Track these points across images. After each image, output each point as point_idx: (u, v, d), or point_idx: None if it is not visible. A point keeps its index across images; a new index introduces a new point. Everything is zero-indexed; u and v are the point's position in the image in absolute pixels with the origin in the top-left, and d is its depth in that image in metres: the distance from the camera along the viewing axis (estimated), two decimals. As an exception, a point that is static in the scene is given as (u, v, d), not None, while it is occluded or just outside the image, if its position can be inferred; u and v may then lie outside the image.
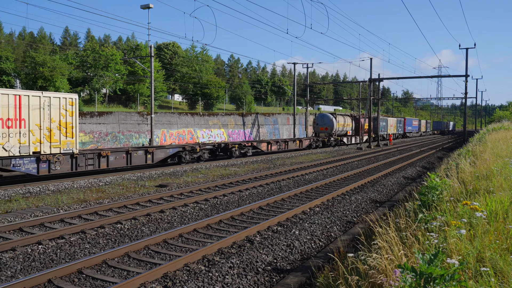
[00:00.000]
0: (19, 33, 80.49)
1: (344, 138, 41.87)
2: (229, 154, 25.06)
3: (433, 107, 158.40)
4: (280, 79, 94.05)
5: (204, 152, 23.18)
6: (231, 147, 24.98)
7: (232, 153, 25.03)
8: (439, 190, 6.87)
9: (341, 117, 41.35)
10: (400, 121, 64.80)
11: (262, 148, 28.17)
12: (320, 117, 40.36)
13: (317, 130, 40.09)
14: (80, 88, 48.30)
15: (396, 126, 60.65)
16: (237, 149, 25.52)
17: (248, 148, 26.80)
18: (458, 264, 3.18)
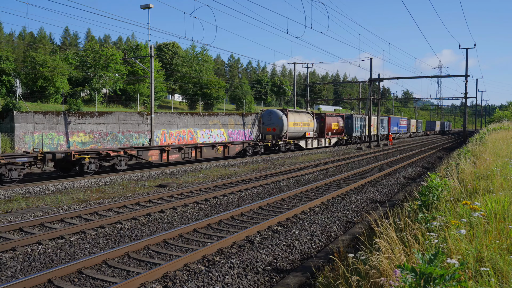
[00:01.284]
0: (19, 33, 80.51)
1: (301, 141, 33.40)
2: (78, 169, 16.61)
3: (433, 107, 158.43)
4: (280, 79, 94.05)
5: None
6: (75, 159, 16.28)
7: (84, 167, 16.50)
8: (439, 190, 6.87)
9: (296, 115, 33.34)
10: (383, 120, 55.77)
11: (149, 158, 19.34)
12: (266, 115, 31.88)
13: (263, 131, 32.10)
14: (80, 88, 48.30)
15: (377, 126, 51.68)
16: (89, 163, 16.74)
17: (119, 159, 17.99)
18: (458, 264, 3.18)
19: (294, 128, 32.50)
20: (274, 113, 31.54)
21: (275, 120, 31.41)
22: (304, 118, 34.34)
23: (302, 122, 33.94)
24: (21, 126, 26.34)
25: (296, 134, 33.34)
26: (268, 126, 31.59)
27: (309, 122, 35.15)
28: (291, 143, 31.82)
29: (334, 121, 39.88)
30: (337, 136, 40.74)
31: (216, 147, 23.84)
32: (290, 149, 31.81)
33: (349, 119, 43.51)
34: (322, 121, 38.14)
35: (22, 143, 26.24)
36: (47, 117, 27.80)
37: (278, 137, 31.08)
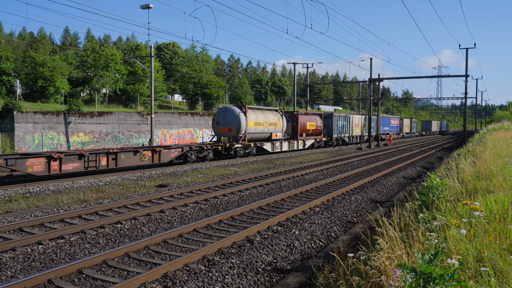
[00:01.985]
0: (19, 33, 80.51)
1: (265, 144, 28.14)
2: None
3: (433, 107, 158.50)
4: (280, 79, 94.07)
5: None
6: None
7: None
8: (439, 190, 6.87)
9: (258, 113, 27.84)
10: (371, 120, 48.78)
11: (27, 169, 14.68)
12: (221, 113, 26.52)
13: (218, 131, 26.86)
14: (80, 88, 48.31)
15: (363, 126, 46.58)
16: None
17: None
18: (458, 264, 3.18)
19: (256, 128, 27.17)
20: (229, 111, 26.19)
21: (231, 119, 25.98)
22: (269, 117, 28.88)
23: (266, 121, 28.34)
24: (21, 126, 26.34)
25: (259, 135, 27.92)
26: (223, 126, 26.31)
27: (276, 122, 29.29)
28: (251, 146, 26.73)
29: (309, 121, 34.72)
30: (314, 138, 35.37)
31: (140, 152, 18.91)
32: (251, 153, 27.19)
33: (329, 119, 38.95)
34: (294, 121, 32.89)
35: (22, 143, 26.25)
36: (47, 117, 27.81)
37: (235, 139, 25.95)
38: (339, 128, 40.36)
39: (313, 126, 35.14)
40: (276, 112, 30.37)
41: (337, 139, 40.43)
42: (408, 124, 72.03)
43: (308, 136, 34.69)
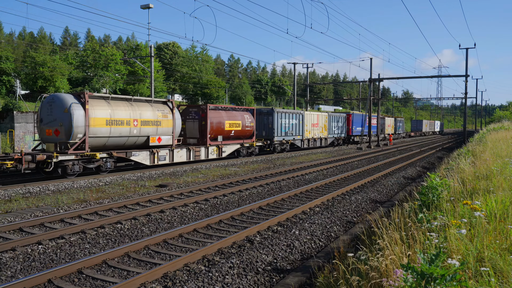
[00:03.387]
0: (19, 33, 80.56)
1: (137, 153, 18.56)
2: None
3: (433, 107, 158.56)
4: (280, 79, 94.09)
5: None
6: None
7: None
8: (439, 190, 6.87)
9: (119, 105, 18.16)
10: (339, 119, 41.13)
11: None
12: (46, 105, 17.15)
13: (42, 134, 17.31)
14: (80, 88, 48.33)
15: (328, 127, 38.38)
16: None
17: None
18: (459, 264, 3.18)
19: (111, 129, 17.44)
20: (57, 102, 16.68)
21: (59, 115, 16.50)
22: (145, 112, 19.08)
23: (137, 118, 18.56)
24: (21, 126, 26.35)
25: (118, 140, 18.02)
26: (48, 125, 16.93)
27: (158, 119, 19.69)
28: (97, 159, 16.78)
29: (230, 118, 24.85)
30: (240, 142, 25.68)
31: None
32: (103, 168, 17.32)
33: (267, 116, 29.67)
34: (202, 118, 23.17)
35: (22, 143, 26.24)
36: (47, 117, 27.71)
37: (65, 147, 16.24)
38: (284, 128, 30.80)
39: (237, 126, 25.28)
40: (162, 105, 20.51)
41: (282, 143, 30.76)
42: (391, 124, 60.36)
43: (229, 140, 24.96)
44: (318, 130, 36.57)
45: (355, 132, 45.17)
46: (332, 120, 39.13)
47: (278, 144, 30.37)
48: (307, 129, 34.47)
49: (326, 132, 38.05)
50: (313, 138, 35.71)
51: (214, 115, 23.82)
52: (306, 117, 34.26)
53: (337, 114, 40.69)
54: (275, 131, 29.70)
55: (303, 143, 33.86)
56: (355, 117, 44.91)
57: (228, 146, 24.80)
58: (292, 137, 32.16)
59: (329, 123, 38.44)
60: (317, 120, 36.42)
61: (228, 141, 24.94)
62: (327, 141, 38.48)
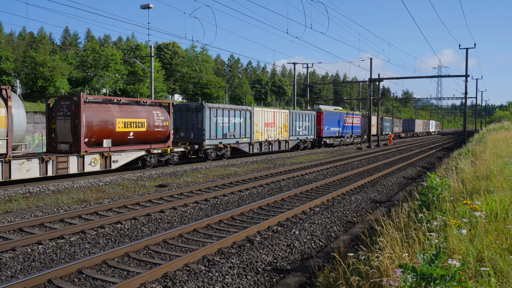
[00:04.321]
0: (19, 33, 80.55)
1: None
2: None
3: (433, 107, 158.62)
4: (280, 79, 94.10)
5: None
6: None
7: None
8: (439, 190, 6.87)
9: None
10: (306, 117, 33.60)
11: None
12: None
13: None
14: (80, 88, 48.32)
15: (290, 127, 31.35)
16: None
17: None
18: (459, 264, 3.18)
19: None
20: None
21: None
22: None
23: None
24: (21, 126, 26.33)
25: None
26: None
27: None
28: None
29: (125, 116, 18.36)
30: (145, 148, 19.20)
31: None
32: None
33: (197, 113, 23.19)
34: (76, 115, 16.61)
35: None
36: (47, 117, 27.68)
37: None
38: (222, 129, 24.18)
39: (139, 125, 18.93)
40: None
41: (218, 148, 24.02)
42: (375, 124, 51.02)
43: (126, 146, 18.47)
44: (275, 131, 29.38)
45: (328, 134, 38.05)
46: (295, 119, 32.11)
47: (211, 149, 23.50)
48: (257, 129, 27.25)
49: (287, 134, 30.90)
50: (267, 141, 28.41)
51: (96, 111, 17.13)
52: (255, 115, 27.07)
53: (302, 112, 33.48)
54: (207, 133, 22.94)
55: (252, 147, 26.82)
56: (327, 116, 37.85)
57: (123, 154, 18.05)
58: (235, 139, 25.20)
59: (291, 122, 31.39)
60: (273, 119, 29.35)
61: (124, 147, 18.23)
62: (288, 144, 31.15)
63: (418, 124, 76.12)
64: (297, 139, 32.67)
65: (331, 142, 39.07)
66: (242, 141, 25.91)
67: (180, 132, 23.73)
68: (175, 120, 23.57)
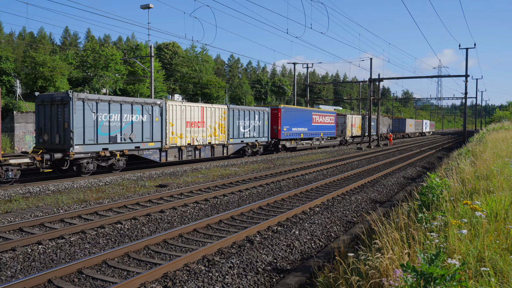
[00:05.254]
0: (19, 33, 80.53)
1: None
2: None
3: (433, 107, 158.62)
4: (280, 79, 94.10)
5: None
6: None
7: None
8: (439, 190, 6.87)
9: None
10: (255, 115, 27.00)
11: None
12: None
13: None
14: (80, 88, 48.33)
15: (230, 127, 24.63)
16: None
17: None
18: (459, 264, 3.18)
19: None
20: None
21: None
22: None
23: None
24: (21, 126, 26.36)
25: None
26: None
27: None
28: None
29: None
30: None
31: None
32: None
33: (63, 107, 16.49)
34: None
35: (22, 143, 26.25)
36: (46, 117, 27.49)
37: None
38: (108, 130, 17.50)
39: None
40: None
41: (101, 158, 17.39)
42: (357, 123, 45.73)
43: None
44: (205, 132, 22.51)
45: (289, 135, 30.96)
46: (238, 117, 25.26)
47: (87, 160, 16.80)
48: (173, 130, 20.40)
49: (224, 135, 23.99)
50: (192, 145, 21.66)
51: None
52: (170, 111, 20.32)
53: (250, 109, 26.81)
54: (77, 135, 16.24)
55: (164, 154, 19.97)
56: (287, 113, 30.62)
57: None
58: (133, 144, 18.39)
59: (231, 121, 24.54)
60: (201, 117, 22.30)
61: None
62: (227, 149, 24.33)
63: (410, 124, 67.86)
64: (242, 143, 25.83)
65: (292, 145, 31.78)
66: (146, 147, 19.02)
67: (43, 134, 16.84)
68: (38, 117, 17.12)
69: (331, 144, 40.09)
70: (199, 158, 22.56)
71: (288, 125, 30.83)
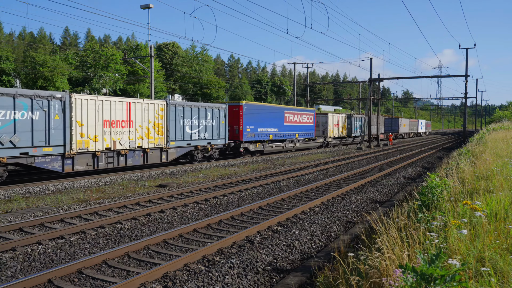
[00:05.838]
0: (19, 33, 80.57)
1: None
2: None
3: (433, 107, 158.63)
4: (280, 79, 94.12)
5: None
6: None
7: None
8: (439, 190, 6.87)
9: None
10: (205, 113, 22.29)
11: None
12: None
13: None
14: (80, 88, 48.33)
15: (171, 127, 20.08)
16: None
17: None
18: (459, 264, 3.18)
19: None
20: None
21: None
22: None
23: None
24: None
25: None
26: None
27: None
28: None
29: None
30: None
31: None
32: None
33: None
34: None
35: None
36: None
37: None
38: None
39: None
40: None
41: None
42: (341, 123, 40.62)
43: None
44: (133, 134, 18.37)
45: (253, 137, 26.67)
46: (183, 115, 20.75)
47: None
48: (82, 132, 16.19)
49: (163, 138, 19.62)
50: (113, 150, 17.50)
51: None
52: (79, 107, 16.04)
53: (199, 105, 22.09)
54: None
55: (70, 162, 15.76)
56: (251, 111, 26.40)
57: None
58: (17, 151, 14.09)
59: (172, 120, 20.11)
60: (127, 115, 18.14)
61: None
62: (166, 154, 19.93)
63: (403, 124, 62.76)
64: (189, 146, 21.34)
65: (257, 148, 27.13)
66: (38, 153, 14.71)
67: None
68: None
69: (310, 147, 35.22)
70: (125, 165, 18.09)
71: (253, 125, 26.64)
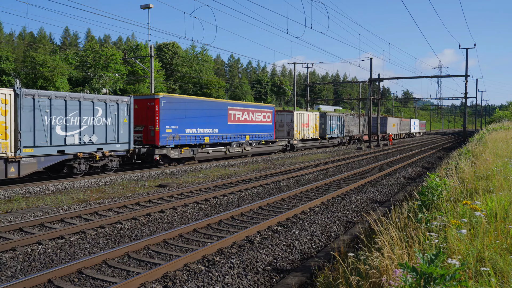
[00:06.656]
0: (19, 33, 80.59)
1: None
2: None
3: (433, 107, 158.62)
4: (280, 79, 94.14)
5: None
6: None
7: None
8: (439, 190, 6.87)
9: None
10: (94, 109, 16.13)
11: None
12: None
13: None
14: (80, 88, 48.34)
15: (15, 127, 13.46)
16: None
17: None
18: (459, 264, 3.18)
19: None
20: None
21: None
22: None
23: None
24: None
25: None
26: None
27: None
28: None
29: None
30: None
31: None
32: None
33: None
34: None
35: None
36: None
37: None
38: None
39: None
40: None
41: None
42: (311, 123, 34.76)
43: None
44: None
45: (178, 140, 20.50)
46: (50, 111, 14.88)
47: None
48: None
49: (6, 144, 13.53)
50: None
51: None
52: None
53: (79, 97, 15.99)
54: None
55: None
56: (173, 106, 20.29)
57: None
58: None
59: (25, 117, 14.11)
60: None
61: None
62: (17, 166, 13.97)
63: (393, 124, 56.05)
64: (61, 154, 15.41)
65: (183, 155, 20.83)
66: None
67: None
68: None
69: (267, 151, 29.02)
70: None
71: (177, 124, 20.50)
